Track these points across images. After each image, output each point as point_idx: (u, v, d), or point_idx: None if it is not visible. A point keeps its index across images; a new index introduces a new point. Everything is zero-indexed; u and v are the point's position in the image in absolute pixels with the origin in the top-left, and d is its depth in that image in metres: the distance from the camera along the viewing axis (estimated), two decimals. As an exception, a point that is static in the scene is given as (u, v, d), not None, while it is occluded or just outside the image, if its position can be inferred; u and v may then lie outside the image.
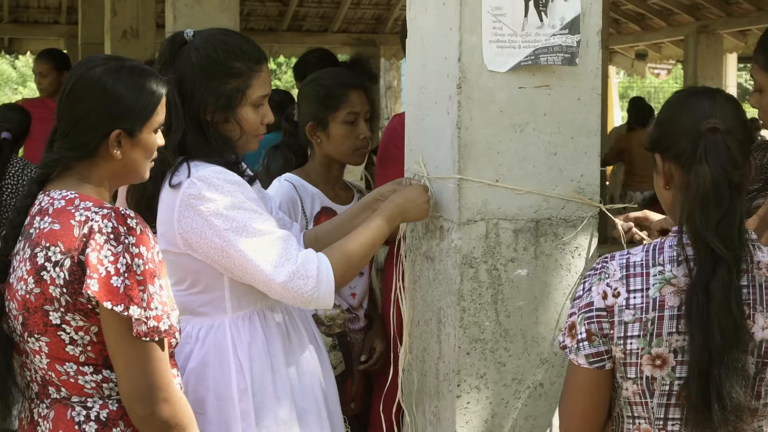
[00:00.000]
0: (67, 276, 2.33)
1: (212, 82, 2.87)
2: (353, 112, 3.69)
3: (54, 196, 2.43)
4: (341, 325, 3.66)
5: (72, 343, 2.37)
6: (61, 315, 2.35)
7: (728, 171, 2.22)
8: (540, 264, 2.84)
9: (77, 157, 2.45)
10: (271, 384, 2.89)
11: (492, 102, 2.78)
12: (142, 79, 2.48)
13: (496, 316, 2.82)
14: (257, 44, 3.00)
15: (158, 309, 2.33)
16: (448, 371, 2.84)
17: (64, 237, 2.35)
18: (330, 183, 3.77)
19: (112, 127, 2.43)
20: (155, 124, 2.50)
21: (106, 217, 2.34)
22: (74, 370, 2.39)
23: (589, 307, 2.30)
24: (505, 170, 2.80)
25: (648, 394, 2.27)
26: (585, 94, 2.84)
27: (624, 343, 2.26)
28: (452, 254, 2.81)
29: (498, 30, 2.76)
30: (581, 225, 2.85)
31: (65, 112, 2.46)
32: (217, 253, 2.75)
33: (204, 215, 2.74)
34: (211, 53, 2.89)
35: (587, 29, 2.82)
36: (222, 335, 2.89)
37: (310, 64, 5.52)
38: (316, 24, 15.71)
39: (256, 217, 2.76)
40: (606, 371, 2.31)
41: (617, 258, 2.32)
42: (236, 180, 2.81)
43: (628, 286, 2.27)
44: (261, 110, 2.95)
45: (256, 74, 2.92)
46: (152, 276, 2.34)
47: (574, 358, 2.31)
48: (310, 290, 2.73)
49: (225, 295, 2.88)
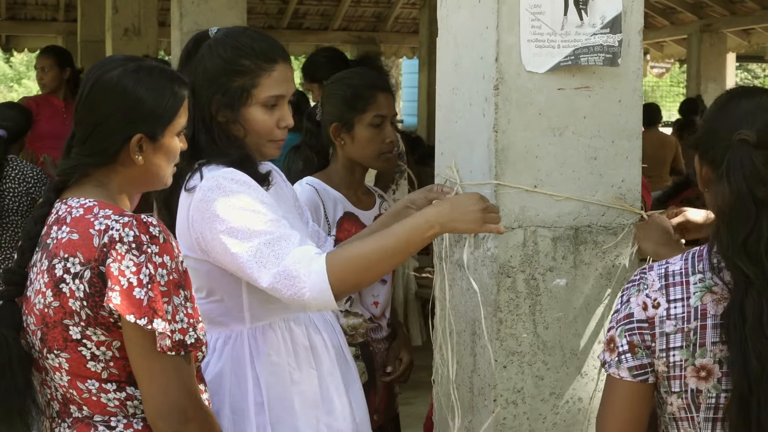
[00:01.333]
0: (87, 288, 2.21)
1: (219, 79, 2.76)
2: (380, 115, 3.57)
3: (72, 204, 2.31)
4: (364, 334, 3.54)
5: (93, 359, 2.25)
6: (82, 329, 2.23)
7: (752, 187, 2.11)
8: (579, 273, 2.72)
9: (96, 164, 2.34)
10: (290, 398, 2.77)
11: (530, 104, 2.66)
12: (163, 80, 2.36)
13: (534, 327, 2.70)
14: (277, 43, 2.86)
15: (184, 321, 2.22)
16: (484, 385, 2.73)
17: (83, 247, 2.23)
18: (352, 187, 3.65)
19: (132, 132, 2.31)
20: (178, 127, 2.38)
21: (127, 225, 2.21)
22: (96, 388, 2.27)
23: (629, 319, 2.19)
24: (544, 175, 2.68)
25: (694, 408, 2.15)
26: (626, 96, 2.72)
27: (666, 356, 2.15)
28: (488, 263, 2.69)
29: (537, 29, 2.64)
30: (622, 233, 2.74)
31: (83, 116, 2.34)
32: (222, 258, 2.63)
33: (206, 218, 2.63)
34: (221, 51, 2.78)
35: (628, 28, 2.71)
36: (240, 346, 2.77)
37: (320, 63, 5.41)
38: (317, 22, 15.65)
39: (257, 217, 2.61)
40: (648, 385, 2.19)
41: (656, 268, 2.21)
42: (244, 180, 2.67)
43: (668, 296, 2.16)
44: (275, 112, 2.80)
45: (266, 73, 2.77)
46: (177, 287, 2.22)
47: (615, 371, 2.20)
48: (297, 291, 2.54)
49: (243, 304, 2.76)
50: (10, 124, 5.70)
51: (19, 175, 5.48)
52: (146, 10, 9.09)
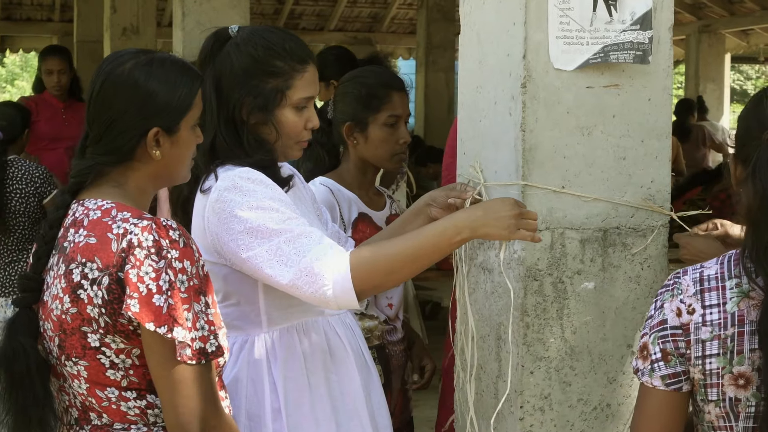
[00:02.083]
0: (105, 295, 2.12)
1: (251, 80, 2.68)
2: (394, 115, 3.49)
3: (89, 207, 2.23)
4: (379, 336, 3.46)
5: (113, 367, 2.17)
6: (101, 337, 2.15)
7: None
8: (608, 276, 2.65)
9: (113, 162, 2.25)
10: (309, 404, 2.69)
11: (558, 102, 2.59)
12: (176, 71, 2.28)
13: (562, 332, 2.63)
14: (304, 43, 2.80)
15: (204, 329, 2.13)
16: (510, 391, 2.65)
17: (101, 252, 2.14)
18: (364, 188, 3.57)
19: (148, 126, 2.23)
20: (193, 118, 2.30)
21: (146, 229, 2.13)
22: (116, 396, 2.19)
23: (662, 326, 2.11)
24: (572, 176, 2.61)
25: (732, 417, 2.07)
26: (656, 95, 2.65)
27: (702, 363, 2.07)
28: (515, 266, 2.62)
29: (565, 25, 2.57)
30: (652, 235, 2.67)
31: (96, 115, 2.26)
32: (237, 259, 2.56)
33: (222, 219, 2.56)
34: (251, 51, 2.69)
35: (659, 25, 2.64)
36: (257, 351, 2.69)
37: (328, 62, 5.33)
38: (313, 22, 15.60)
39: (275, 216, 2.53)
40: (683, 394, 2.11)
41: (690, 272, 2.13)
42: (260, 179, 2.60)
43: (703, 302, 2.07)
44: (304, 114, 2.74)
45: (299, 74, 2.71)
46: (198, 293, 2.13)
47: (648, 380, 2.12)
48: (319, 289, 2.47)
49: (260, 307, 2.69)
50: (4, 123, 5.61)
51: (26, 176, 5.40)
52: (145, 9, 9.02)
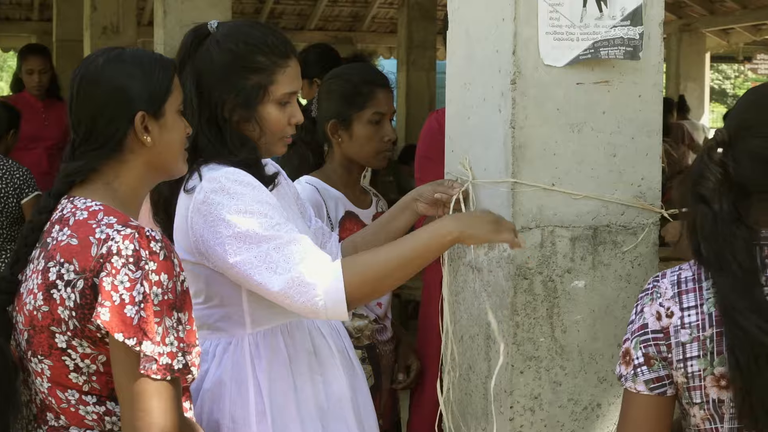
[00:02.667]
0: (78, 299, 2.09)
1: (232, 77, 2.63)
2: (379, 112, 3.45)
3: (77, 205, 2.19)
4: (369, 336, 3.42)
5: (76, 371, 2.14)
6: (68, 339, 2.12)
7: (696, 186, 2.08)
8: (598, 275, 2.62)
9: (105, 155, 2.21)
10: (294, 406, 2.65)
11: (548, 99, 2.56)
12: (148, 59, 2.27)
13: (552, 331, 2.60)
14: (286, 37, 2.75)
15: (173, 345, 2.08)
16: (499, 391, 2.62)
17: (80, 255, 2.11)
18: (350, 186, 3.53)
19: (133, 112, 2.20)
20: (176, 102, 2.27)
21: (128, 237, 2.09)
22: (76, 399, 2.16)
23: (643, 330, 2.09)
24: (562, 173, 2.58)
25: (717, 419, 2.05)
26: (646, 91, 2.63)
27: (684, 366, 2.05)
28: (504, 264, 2.59)
29: (555, 21, 2.54)
30: (642, 233, 2.64)
31: (79, 115, 2.23)
32: (223, 263, 2.51)
33: (209, 222, 2.51)
34: (231, 46, 2.64)
35: (649, 21, 2.61)
36: (240, 353, 2.64)
37: (311, 60, 5.29)
38: (293, 22, 15.54)
39: (264, 221, 2.49)
40: (668, 398, 2.09)
41: (668, 275, 2.12)
42: (248, 181, 2.55)
43: (681, 304, 2.06)
44: (288, 109, 2.70)
45: (282, 69, 2.67)
46: (171, 308, 2.09)
47: (631, 385, 2.10)
48: (311, 299, 2.43)
49: (244, 308, 2.64)
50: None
51: (6, 175, 5.35)
52: (125, 8, 8.95)
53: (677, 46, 14.14)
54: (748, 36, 14.73)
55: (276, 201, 2.59)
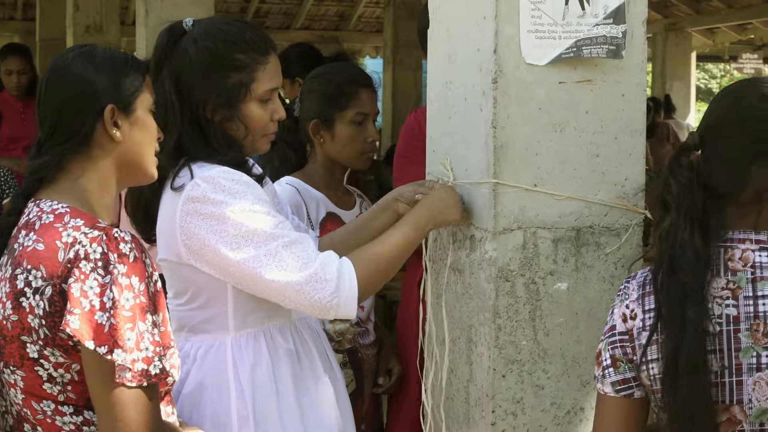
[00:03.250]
0: (47, 306, 2.01)
1: (212, 77, 2.58)
2: (362, 113, 3.40)
3: (43, 208, 2.12)
4: (351, 340, 3.37)
5: (50, 381, 2.07)
6: (40, 349, 2.04)
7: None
8: (581, 277, 2.58)
9: (72, 150, 2.14)
10: (277, 412, 2.60)
11: (530, 98, 2.51)
12: (119, 56, 2.21)
13: (534, 334, 2.56)
14: (264, 32, 2.70)
15: (149, 350, 2.01)
16: (481, 395, 2.58)
17: (47, 260, 2.03)
18: (332, 187, 3.48)
19: (102, 104, 2.13)
20: (147, 101, 2.21)
21: (95, 240, 2.01)
22: (52, 410, 2.09)
23: (612, 332, 2.09)
24: (544, 174, 2.54)
25: None
26: (630, 90, 2.58)
27: (647, 369, 2.03)
28: (486, 267, 2.54)
29: (537, 19, 2.49)
30: (626, 234, 2.60)
31: (47, 109, 2.17)
32: (223, 261, 2.46)
33: (209, 220, 2.45)
34: (209, 45, 2.58)
35: (632, 19, 2.57)
36: (222, 356, 2.59)
37: (292, 59, 5.24)
38: (279, 21, 15.50)
39: (269, 220, 2.47)
40: (636, 400, 2.07)
41: (638, 276, 2.10)
42: (245, 180, 2.52)
43: (643, 306, 2.05)
44: (270, 106, 2.66)
45: (262, 66, 2.62)
46: (143, 312, 2.01)
47: (600, 387, 2.09)
48: (328, 295, 2.43)
49: (228, 311, 2.59)
50: None
51: None
52: (108, 7, 8.90)
53: (663, 46, 14.13)
54: (734, 35, 14.73)
55: (269, 199, 2.57)
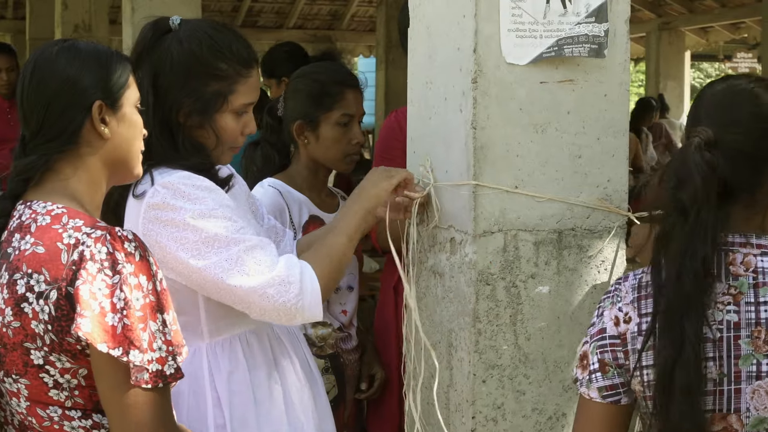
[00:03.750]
0: (52, 311, 1.94)
1: (192, 81, 2.52)
2: (348, 114, 3.35)
3: (37, 210, 2.04)
4: (333, 345, 3.32)
5: (57, 387, 2.00)
6: (45, 355, 1.97)
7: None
8: (563, 280, 2.53)
9: (59, 149, 2.06)
10: (255, 419, 2.56)
11: (511, 98, 2.47)
12: (104, 51, 2.15)
13: (515, 339, 2.51)
14: (249, 44, 2.64)
15: (162, 350, 1.95)
16: (461, 401, 2.54)
17: (50, 263, 1.96)
18: (316, 189, 3.43)
19: (90, 100, 2.06)
20: (134, 97, 2.15)
21: (99, 240, 1.95)
22: (59, 415, 2.02)
23: (601, 335, 2.02)
24: (525, 175, 2.49)
25: None
26: (612, 90, 2.54)
27: (641, 374, 1.97)
28: (466, 270, 2.50)
29: (517, 18, 2.45)
30: (608, 236, 2.55)
31: (31, 104, 2.08)
32: (185, 269, 2.41)
33: (169, 228, 2.41)
34: (195, 48, 2.52)
35: (615, 17, 2.52)
36: (198, 363, 2.54)
37: (279, 58, 5.22)
38: (271, 20, 15.47)
39: (229, 225, 2.42)
40: (621, 407, 2.02)
41: (630, 278, 2.04)
42: (206, 185, 2.47)
43: (639, 310, 1.99)
44: (243, 119, 2.60)
45: (244, 79, 2.57)
46: (155, 310, 1.95)
47: (585, 391, 2.04)
48: (293, 298, 2.39)
49: (201, 317, 2.54)
50: None
51: None
52: (97, 6, 8.86)
53: (656, 45, 14.10)
54: (727, 34, 14.71)
55: (234, 204, 2.51)
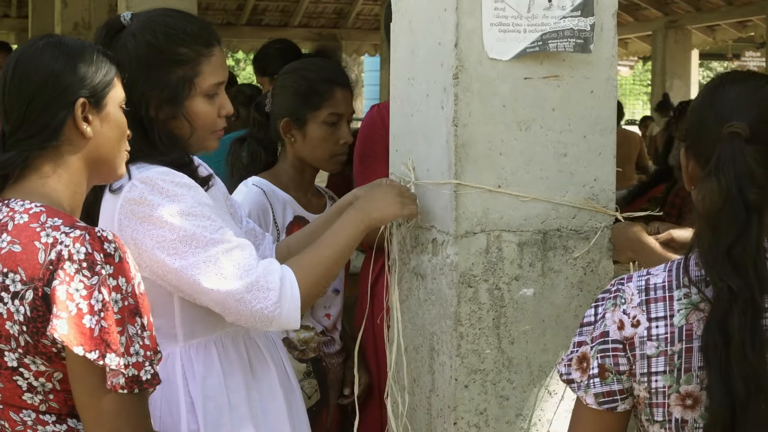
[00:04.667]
0: (28, 312, 1.89)
1: (154, 72, 2.43)
2: (336, 113, 3.27)
3: (15, 208, 1.98)
4: (315, 349, 3.24)
5: (31, 391, 1.95)
6: (19, 357, 1.92)
7: (743, 187, 1.83)
8: (548, 282, 2.46)
9: (40, 145, 2.00)
10: (229, 424, 2.48)
11: (494, 95, 2.40)
12: (90, 48, 2.09)
13: (498, 342, 2.44)
14: (207, 23, 2.57)
15: (139, 355, 1.90)
16: (443, 406, 2.47)
17: (26, 262, 1.90)
18: (302, 189, 3.35)
19: (73, 97, 2.01)
20: (119, 97, 2.10)
21: (78, 240, 1.89)
22: (33, 419, 1.97)
23: (603, 338, 1.93)
24: (509, 174, 2.42)
25: None
26: (599, 86, 2.47)
27: (648, 381, 1.88)
28: (447, 272, 2.43)
29: (500, 11, 2.38)
30: (594, 237, 2.48)
31: (12, 100, 2.02)
32: (161, 268, 2.34)
33: (146, 224, 2.34)
34: (150, 39, 2.44)
35: (601, 11, 2.45)
36: (171, 368, 2.46)
37: (272, 56, 5.14)
38: (276, 18, 15.41)
39: (208, 224, 2.35)
40: (618, 414, 1.94)
41: (635, 279, 1.94)
42: (185, 182, 2.39)
43: (648, 314, 1.89)
44: (217, 101, 2.52)
45: (206, 59, 2.48)
46: (132, 314, 1.90)
47: (582, 395, 1.95)
48: (271, 305, 2.32)
49: (175, 320, 2.47)
50: None
51: None
52: (96, 4, 8.82)
53: (663, 43, 14.02)
54: (734, 33, 14.62)
55: (213, 203, 2.44)
